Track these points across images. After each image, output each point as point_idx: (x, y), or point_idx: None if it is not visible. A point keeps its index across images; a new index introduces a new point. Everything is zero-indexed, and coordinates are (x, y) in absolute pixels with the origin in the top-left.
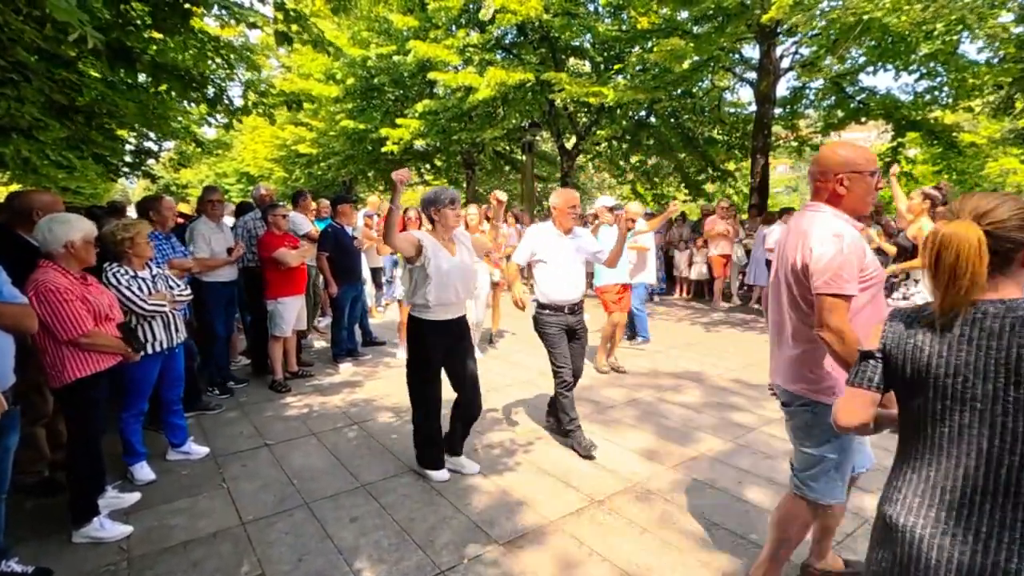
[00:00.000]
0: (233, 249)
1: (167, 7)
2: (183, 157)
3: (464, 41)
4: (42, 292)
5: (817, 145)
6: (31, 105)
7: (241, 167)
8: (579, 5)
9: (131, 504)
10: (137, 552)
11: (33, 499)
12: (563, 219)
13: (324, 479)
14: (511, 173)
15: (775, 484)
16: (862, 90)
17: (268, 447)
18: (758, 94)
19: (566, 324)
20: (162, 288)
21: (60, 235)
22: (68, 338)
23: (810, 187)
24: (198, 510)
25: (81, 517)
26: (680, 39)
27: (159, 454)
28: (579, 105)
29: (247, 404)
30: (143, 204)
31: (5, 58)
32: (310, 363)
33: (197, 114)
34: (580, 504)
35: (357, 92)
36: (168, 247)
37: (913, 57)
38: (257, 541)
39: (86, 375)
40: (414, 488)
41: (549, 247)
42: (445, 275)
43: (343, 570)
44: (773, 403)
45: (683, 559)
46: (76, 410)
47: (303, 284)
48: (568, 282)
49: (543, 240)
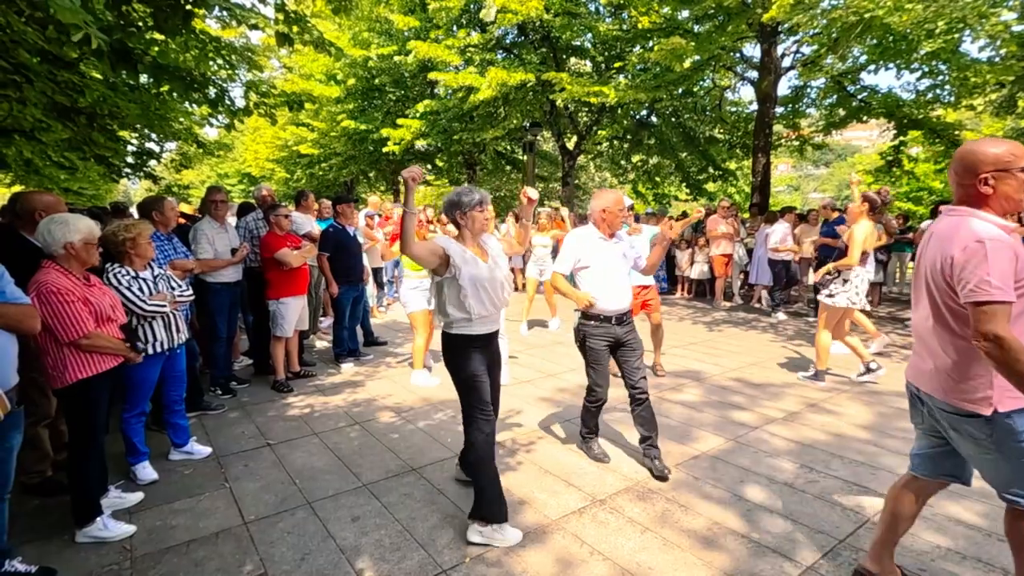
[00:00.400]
0: (238, 250)
1: (169, 8)
2: (185, 158)
3: (465, 41)
4: (44, 293)
5: (818, 144)
6: (34, 107)
7: (243, 168)
8: (580, 5)
9: (134, 504)
10: (140, 552)
11: (36, 499)
12: (613, 221)
13: (326, 479)
14: (512, 173)
15: (776, 483)
16: (864, 89)
17: (270, 447)
18: (759, 93)
19: (613, 337)
20: (163, 289)
21: (59, 236)
22: (69, 339)
23: (952, 189)
24: (200, 510)
25: (84, 517)
26: (681, 38)
27: (161, 454)
28: (580, 105)
29: (249, 404)
30: (145, 205)
31: (8, 60)
32: (312, 363)
33: (199, 115)
34: (581, 503)
35: (358, 92)
36: (170, 248)
37: (915, 56)
38: (259, 541)
39: (88, 376)
40: (416, 488)
41: (594, 253)
42: (480, 284)
43: (345, 569)
44: (774, 402)
45: (685, 558)
46: (78, 411)
47: (305, 284)
48: (616, 289)
49: (587, 246)
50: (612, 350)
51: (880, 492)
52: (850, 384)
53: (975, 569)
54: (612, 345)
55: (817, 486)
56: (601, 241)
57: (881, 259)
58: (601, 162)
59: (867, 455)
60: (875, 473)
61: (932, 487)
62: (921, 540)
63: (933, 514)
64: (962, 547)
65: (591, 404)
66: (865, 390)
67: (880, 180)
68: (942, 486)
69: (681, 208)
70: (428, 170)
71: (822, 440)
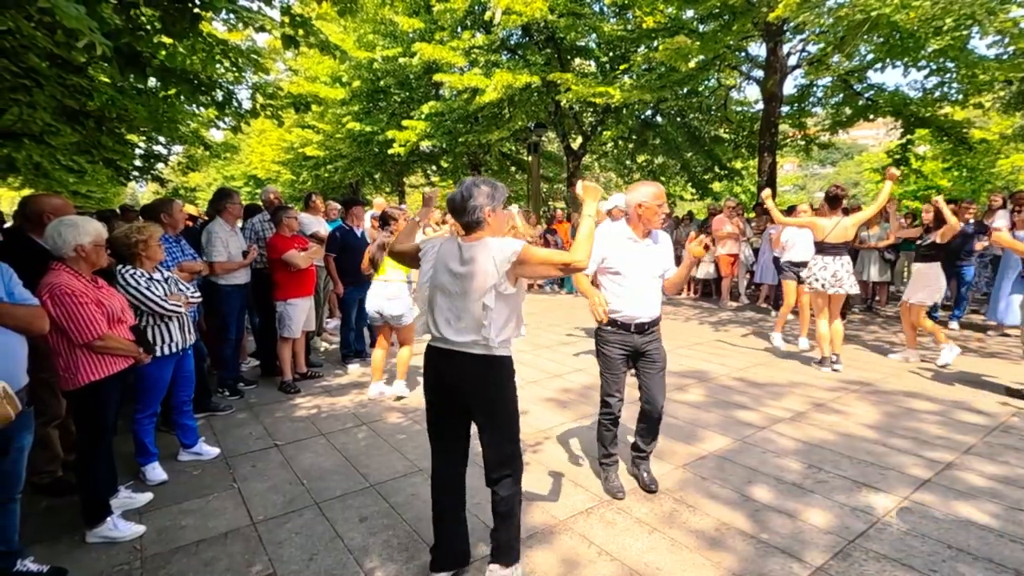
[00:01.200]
0: (248, 252)
1: (177, 12)
2: (191, 161)
3: (470, 43)
4: (57, 295)
5: (825, 143)
6: (43, 111)
7: (248, 170)
8: (584, 5)
9: (143, 504)
10: (150, 552)
11: (47, 499)
12: (651, 219)
13: (333, 479)
14: (517, 174)
15: (783, 483)
16: (870, 87)
17: (278, 447)
18: (765, 92)
19: (631, 346)
20: (174, 290)
21: (70, 238)
22: (83, 341)
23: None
24: (209, 510)
25: (94, 517)
26: (686, 38)
27: (170, 455)
28: (585, 105)
29: (256, 405)
30: (153, 208)
31: (18, 64)
32: (319, 364)
33: (206, 117)
34: (589, 504)
35: (363, 94)
36: (178, 249)
37: (922, 53)
38: (268, 541)
39: (99, 378)
40: (423, 488)
41: (623, 254)
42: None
43: (353, 569)
44: (779, 402)
45: (692, 558)
46: (88, 412)
47: (312, 286)
48: (641, 297)
49: (616, 245)
50: (630, 360)
51: (889, 492)
52: (859, 384)
53: (986, 570)
54: (630, 355)
55: (825, 486)
56: (631, 242)
57: (889, 258)
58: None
59: (876, 455)
60: (884, 473)
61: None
62: (931, 541)
63: (943, 514)
64: (973, 548)
65: (605, 419)
66: (873, 390)
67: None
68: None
69: (686, 208)
70: (433, 171)
71: (830, 440)
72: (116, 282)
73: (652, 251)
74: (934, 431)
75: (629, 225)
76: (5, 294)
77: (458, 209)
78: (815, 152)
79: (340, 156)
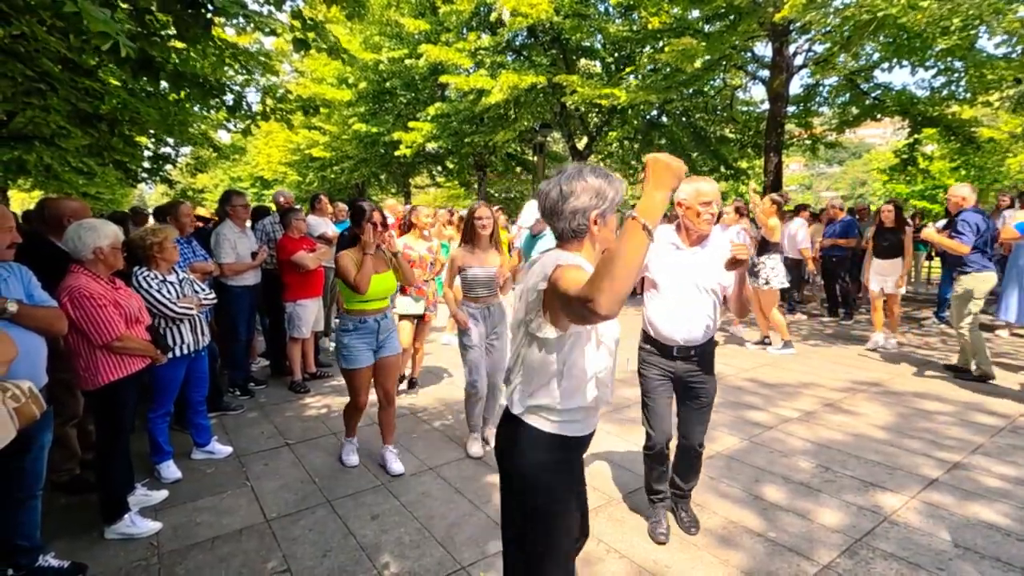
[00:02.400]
0: (257, 253)
1: (190, 17)
2: (199, 162)
3: (475, 44)
4: (77, 297)
5: (831, 143)
6: (56, 114)
7: (256, 171)
8: (590, 6)
9: (159, 501)
10: (167, 548)
11: (65, 497)
12: (693, 222)
13: (344, 477)
14: (523, 174)
15: (791, 482)
16: (877, 86)
17: (289, 446)
18: (771, 92)
19: (672, 372)
20: (188, 292)
21: (89, 241)
22: (103, 342)
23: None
24: (224, 507)
25: (112, 514)
26: (691, 38)
27: (184, 453)
28: (590, 106)
29: (267, 405)
30: (162, 210)
31: (32, 68)
32: (328, 364)
33: (216, 120)
34: (599, 502)
35: (369, 96)
36: (189, 250)
37: (929, 53)
38: (282, 538)
39: (119, 378)
40: (433, 486)
41: (663, 263)
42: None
43: (366, 566)
44: (788, 402)
45: (701, 556)
46: (106, 411)
47: (320, 286)
48: (680, 315)
49: (657, 252)
50: (675, 387)
51: (898, 491)
52: (867, 385)
53: (993, 569)
54: (672, 380)
55: (834, 485)
56: (674, 248)
57: None
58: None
59: (885, 455)
60: (892, 473)
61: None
62: (939, 539)
63: (951, 513)
64: (980, 547)
65: (648, 451)
66: (883, 390)
67: (895, 178)
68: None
69: None
70: (439, 172)
71: (839, 440)
72: (131, 283)
73: (698, 260)
74: (943, 431)
75: (676, 230)
76: (25, 296)
77: (553, 211)
78: (821, 151)
79: (346, 157)
